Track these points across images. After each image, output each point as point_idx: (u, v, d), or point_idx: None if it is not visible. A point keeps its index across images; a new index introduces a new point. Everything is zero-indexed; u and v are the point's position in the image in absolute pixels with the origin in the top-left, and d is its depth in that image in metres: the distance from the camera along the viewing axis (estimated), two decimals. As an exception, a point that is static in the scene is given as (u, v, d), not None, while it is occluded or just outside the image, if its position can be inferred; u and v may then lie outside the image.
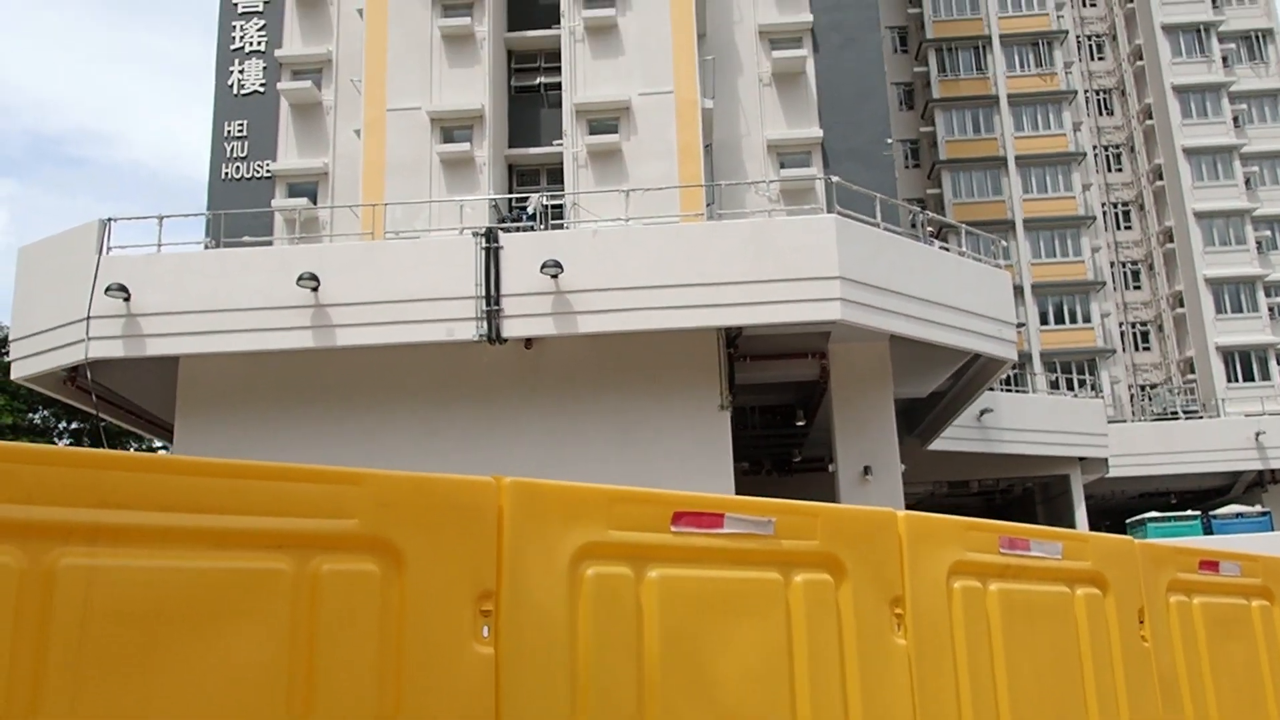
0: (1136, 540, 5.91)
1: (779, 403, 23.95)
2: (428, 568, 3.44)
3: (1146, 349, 50.06)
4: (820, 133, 30.81)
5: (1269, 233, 48.13)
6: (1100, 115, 53.24)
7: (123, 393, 20.14)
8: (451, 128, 28.53)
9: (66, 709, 2.80)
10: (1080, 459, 33.36)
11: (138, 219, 20.60)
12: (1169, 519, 32.50)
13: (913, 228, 21.57)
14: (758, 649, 4.10)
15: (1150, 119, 50.43)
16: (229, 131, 32.57)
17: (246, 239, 21.30)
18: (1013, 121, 48.31)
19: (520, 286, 17.49)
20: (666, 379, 18.56)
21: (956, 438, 28.36)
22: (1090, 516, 34.23)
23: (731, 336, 18.84)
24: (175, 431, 19.13)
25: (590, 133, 28.43)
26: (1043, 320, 46.60)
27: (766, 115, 31.24)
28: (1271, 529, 31.62)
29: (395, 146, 28.06)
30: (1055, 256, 47.14)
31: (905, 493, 20.65)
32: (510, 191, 28.52)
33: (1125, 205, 52.02)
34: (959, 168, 47.97)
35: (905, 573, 4.64)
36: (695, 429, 18.43)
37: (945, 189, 47.61)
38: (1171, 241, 48.91)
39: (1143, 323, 50.41)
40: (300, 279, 17.42)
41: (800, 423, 23.99)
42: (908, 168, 48.60)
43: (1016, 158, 47.67)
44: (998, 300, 20.25)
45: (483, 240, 17.76)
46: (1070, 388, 40.18)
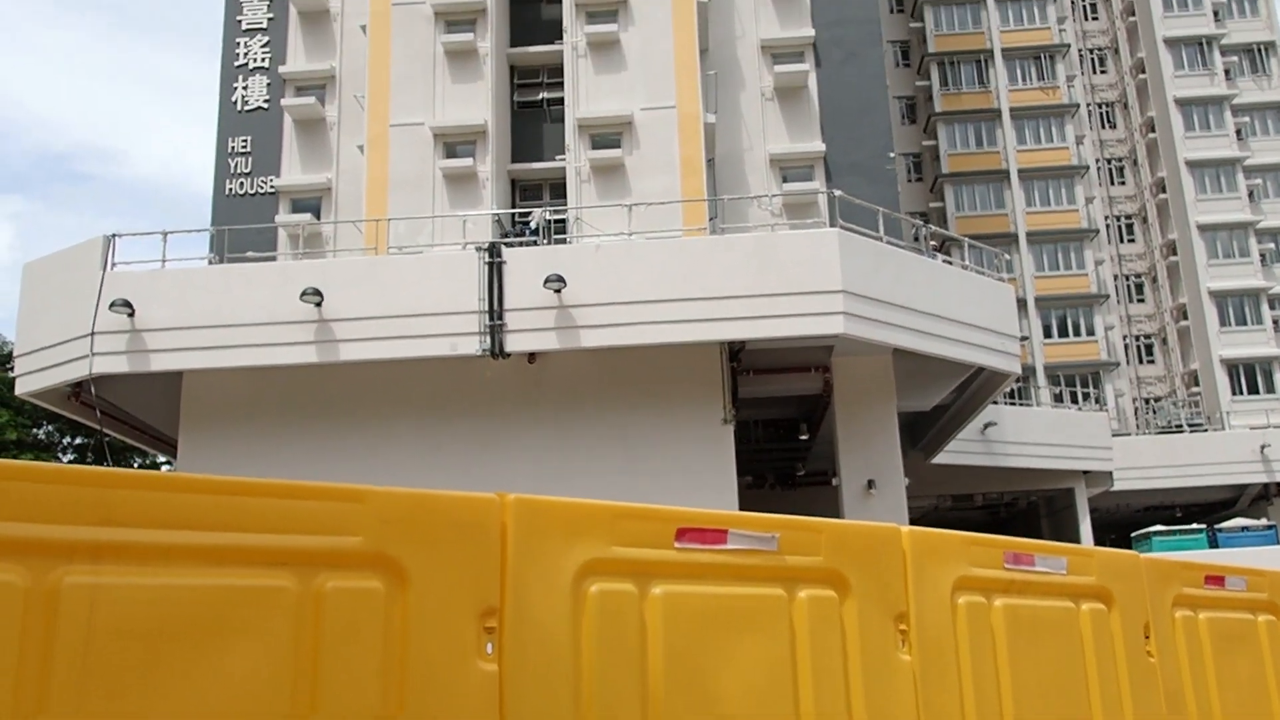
0: (1142, 555, 5.90)
1: (782, 417, 23.91)
2: (431, 585, 3.44)
3: (1150, 362, 49.99)
4: (822, 147, 30.85)
5: (1273, 245, 48.07)
6: (1103, 128, 53.27)
7: (127, 408, 20.15)
8: (454, 143, 28.61)
9: (70, 727, 2.79)
10: (1085, 472, 33.27)
11: (142, 235, 20.63)
12: (1174, 533, 32.37)
13: (915, 241, 21.59)
14: (762, 665, 4.09)
15: (1153, 132, 50.46)
16: (233, 147, 32.70)
17: (250, 254, 21.33)
18: (1015, 135, 48.38)
19: (523, 301, 17.50)
20: (669, 393, 18.55)
21: (960, 451, 28.29)
22: (1095, 530, 34.11)
23: (734, 350, 18.82)
24: (179, 446, 19.14)
25: (593, 147, 28.50)
26: (1046, 333, 46.59)
27: (769, 130, 31.29)
28: (1277, 542, 31.48)
29: (398, 162, 28.14)
30: (1058, 270, 47.15)
31: (909, 507, 20.60)
32: (513, 206, 28.55)
33: (1128, 218, 52.02)
34: (961, 181, 48.00)
35: (909, 588, 4.63)
36: (698, 443, 18.39)
37: (948, 202, 47.65)
38: (1175, 254, 48.89)
39: (1146, 336, 50.33)
40: (304, 294, 17.45)
41: (804, 437, 23.96)
42: (910, 181, 48.66)
43: (1019, 171, 47.71)
44: (1001, 313, 20.23)
45: (485, 255, 17.77)
46: (1074, 401, 40.15)
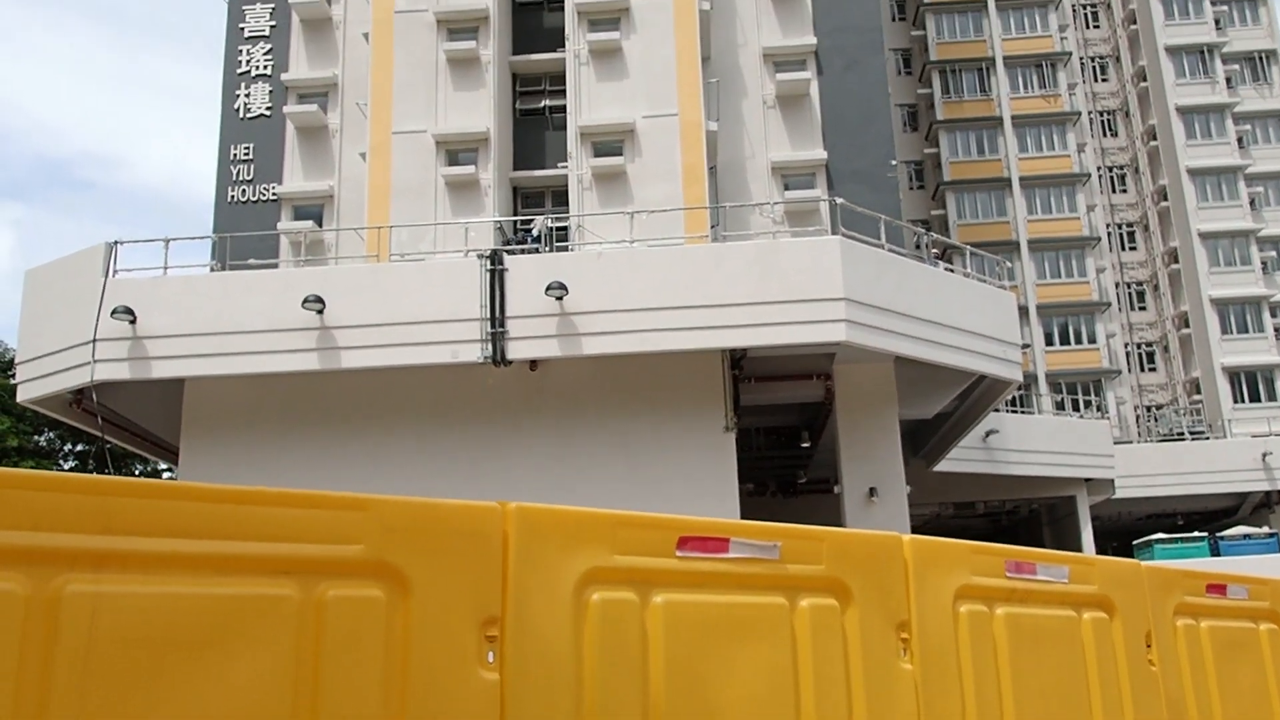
0: (1143, 564, 5.89)
1: (784, 424, 23.90)
2: (433, 593, 3.44)
3: (1152, 370, 49.97)
4: (824, 154, 30.87)
5: (1274, 253, 48.12)
6: (1104, 136, 53.34)
7: (128, 415, 20.16)
8: (456, 150, 28.65)
9: (71, 736, 2.79)
10: (1086, 480, 33.24)
11: (144, 242, 20.67)
12: (1176, 540, 32.36)
13: (917, 249, 21.59)
14: (763, 674, 4.09)
15: (1154, 140, 50.52)
16: (235, 155, 32.78)
17: (252, 261, 21.37)
18: (1017, 143, 48.43)
19: (525, 308, 17.50)
20: (671, 401, 18.55)
21: (962, 459, 28.27)
22: (1097, 538, 34.08)
23: (736, 358, 18.82)
24: (180, 453, 19.13)
25: (595, 155, 28.52)
26: (1048, 341, 46.60)
27: (771, 137, 31.32)
28: (1279, 550, 31.47)
29: (400, 169, 28.18)
30: (1060, 277, 47.17)
31: (911, 514, 20.57)
32: (515, 214, 28.57)
33: (1130, 226, 52.06)
34: (963, 189, 48.06)
35: (911, 597, 4.63)
36: (700, 451, 18.38)
37: (950, 210, 47.68)
38: (1176, 262, 48.92)
39: (1148, 343, 50.33)
40: (305, 301, 17.46)
41: (805, 444, 23.93)
42: (912, 189, 48.68)
43: (1021, 179, 47.75)
44: (1002, 321, 20.23)
45: (487, 262, 17.78)
46: (1076, 409, 40.12)
